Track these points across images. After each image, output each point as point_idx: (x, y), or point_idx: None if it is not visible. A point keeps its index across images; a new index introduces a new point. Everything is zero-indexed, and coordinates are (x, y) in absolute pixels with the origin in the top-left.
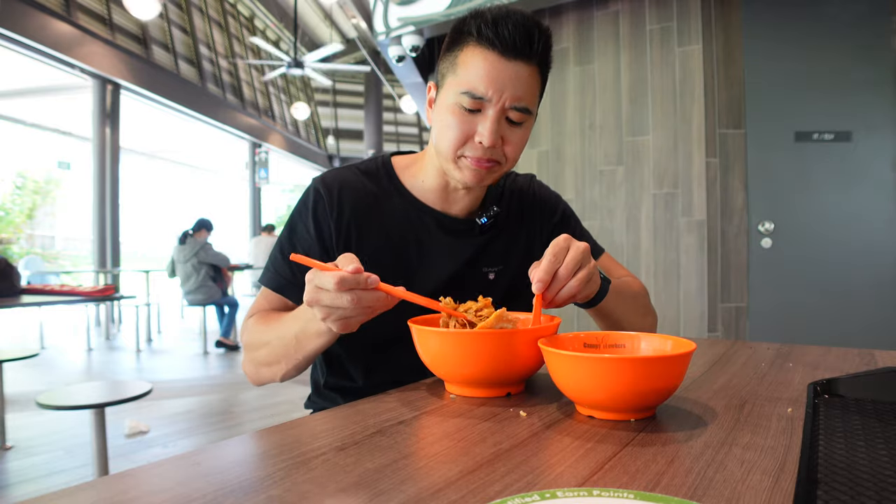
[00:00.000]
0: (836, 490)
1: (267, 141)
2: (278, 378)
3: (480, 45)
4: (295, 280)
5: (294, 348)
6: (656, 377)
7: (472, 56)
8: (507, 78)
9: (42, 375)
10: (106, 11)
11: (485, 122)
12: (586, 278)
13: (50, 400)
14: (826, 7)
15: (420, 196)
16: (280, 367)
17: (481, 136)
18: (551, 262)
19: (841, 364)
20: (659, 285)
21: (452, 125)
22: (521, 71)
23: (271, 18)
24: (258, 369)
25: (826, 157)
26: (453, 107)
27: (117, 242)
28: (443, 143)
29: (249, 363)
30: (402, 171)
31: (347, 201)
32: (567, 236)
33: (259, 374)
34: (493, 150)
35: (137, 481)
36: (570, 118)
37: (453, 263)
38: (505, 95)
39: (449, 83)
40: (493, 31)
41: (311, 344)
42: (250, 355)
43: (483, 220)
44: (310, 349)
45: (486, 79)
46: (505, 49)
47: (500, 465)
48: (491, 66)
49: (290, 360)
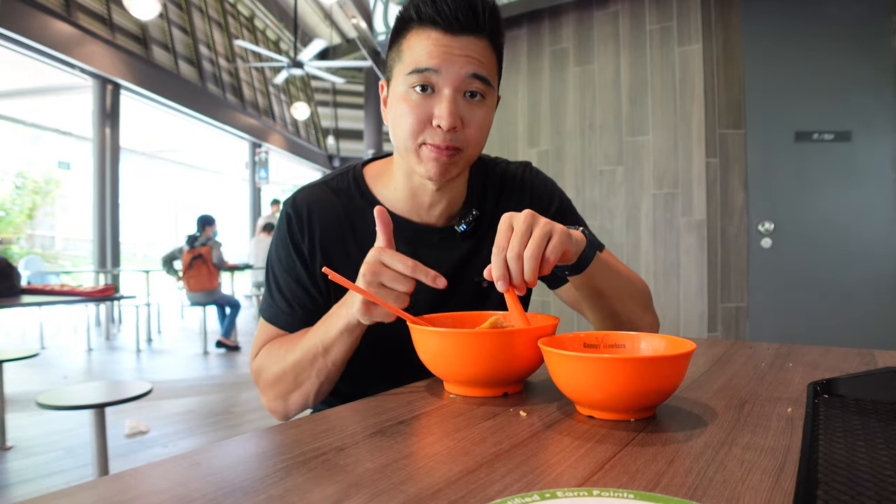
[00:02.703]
0: (836, 490)
1: (267, 141)
2: (311, 398)
3: (423, 26)
4: (293, 312)
5: (322, 355)
6: (656, 377)
7: (417, 38)
8: (457, 51)
9: (42, 375)
10: (106, 11)
11: (441, 103)
12: (544, 236)
13: (50, 400)
14: (826, 7)
15: (393, 207)
16: (311, 384)
17: (439, 119)
18: (500, 249)
19: (841, 364)
20: (659, 285)
21: (406, 112)
22: (471, 45)
23: (271, 18)
24: (287, 398)
25: (826, 157)
26: (405, 94)
27: (117, 242)
28: (400, 134)
29: (276, 398)
30: (374, 181)
31: (317, 222)
32: (508, 214)
33: (289, 404)
34: (453, 135)
35: (137, 481)
36: (570, 118)
37: None
38: (457, 68)
39: (397, 73)
40: (433, 9)
41: (339, 345)
42: (276, 389)
43: (462, 228)
44: (337, 351)
45: (432, 53)
46: (448, 25)
47: (500, 465)
48: (436, 43)
49: (321, 371)
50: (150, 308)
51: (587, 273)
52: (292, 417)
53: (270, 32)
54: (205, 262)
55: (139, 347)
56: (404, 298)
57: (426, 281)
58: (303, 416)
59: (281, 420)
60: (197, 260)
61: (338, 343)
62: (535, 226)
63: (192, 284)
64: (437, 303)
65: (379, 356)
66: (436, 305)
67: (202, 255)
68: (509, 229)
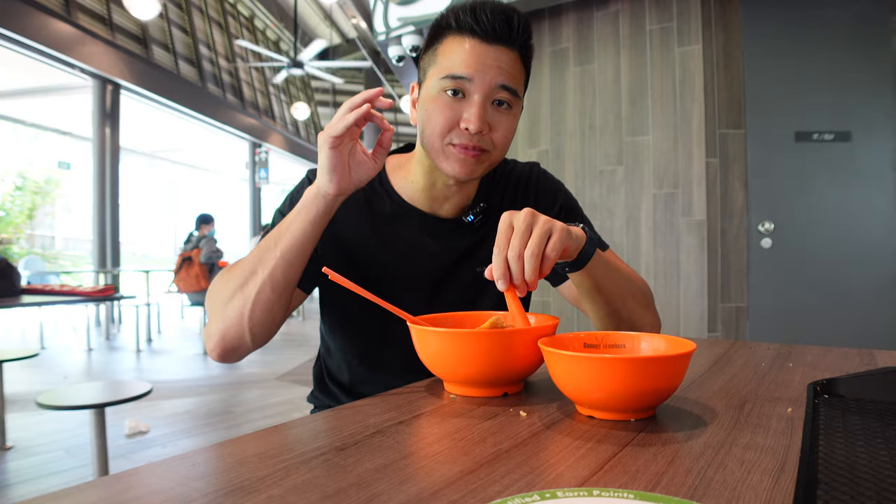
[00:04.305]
0: (836, 490)
1: (267, 141)
2: (251, 298)
3: (460, 33)
4: None
5: (274, 243)
6: (656, 377)
7: (453, 44)
8: (490, 61)
9: (42, 375)
10: (106, 11)
11: (470, 108)
12: (544, 234)
13: (50, 400)
14: (826, 7)
15: (409, 197)
16: (255, 280)
17: (467, 122)
18: (501, 248)
19: (841, 364)
20: (659, 285)
21: (437, 113)
22: (503, 55)
23: (271, 18)
24: (225, 306)
25: (826, 157)
26: (437, 95)
27: (117, 242)
28: (428, 132)
29: (215, 312)
30: (393, 171)
31: None
32: (508, 213)
33: (227, 312)
34: (480, 137)
35: (137, 481)
36: (569, 118)
37: (441, 265)
38: (489, 77)
39: (431, 75)
40: (472, 18)
41: (296, 225)
42: (214, 301)
43: (469, 219)
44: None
45: (467, 61)
46: (485, 34)
47: (500, 465)
48: (472, 50)
49: (267, 264)
50: (150, 308)
51: (587, 270)
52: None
53: (270, 32)
54: (193, 265)
55: (139, 347)
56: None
57: (369, 98)
58: (303, 415)
59: (219, 353)
60: (186, 262)
61: (296, 221)
62: (535, 224)
63: (181, 286)
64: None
65: (379, 355)
66: (435, 298)
67: (191, 257)
68: (509, 228)
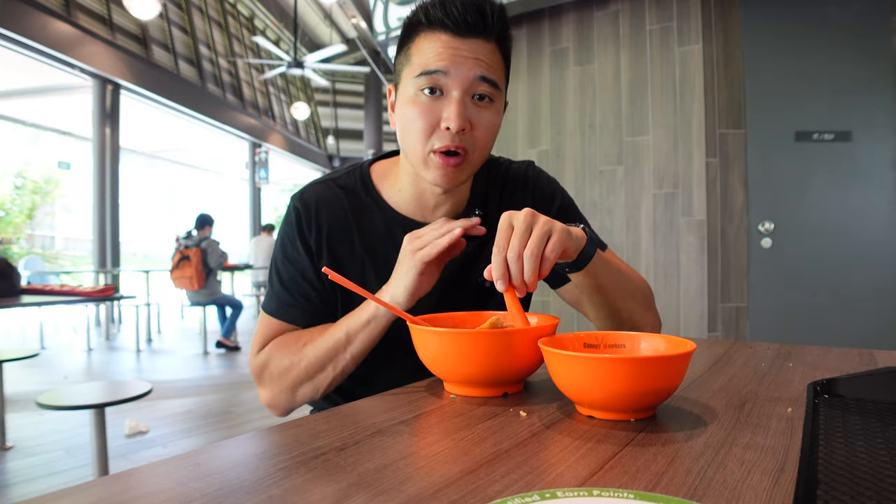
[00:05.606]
0: (836, 490)
1: (267, 141)
2: (321, 391)
3: (432, 29)
4: (297, 305)
5: (343, 347)
6: (656, 377)
7: (425, 41)
8: (466, 53)
9: (42, 375)
10: (106, 11)
11: (449, 105)
12: (544, 235)
13: (50, 400)
14: (826, 7)
15: (399, 207)
16: (325, 376)
17: (447, 121)
18: (500, 248)
19: (841, 364)
20: (659, 285)
21: (415, 116)
22: (479, 47)
23: (271, 18)
24: (295, 391)
25: (826, 157)
26: (414, 97)
27: (117, 242)
28: (409, 138)
29: (283, 391)
30: (380, 180)
31: (325, 218)
32: (508, 213)
33: (297, 396)
34: (462, 136)
35: (137, 481)
36: (569, 118)
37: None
38: (465, 69)
39: (405, 76)
40: (443, 12)
41: (364, 335)
42: (284, 381)
43: None
44: (360, 342)
45: (442, 55)
46: (458, 27)
47: (500, 465)
48: (445, 45)
49: (338, 364)
50: (150, 308)
51: (588, 270)
52: (291, 412)
53: (270, 32)
54: (191, 264)
55: (139, 347)
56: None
57: (467, 227)
58: (303, 416)
59: (279, 415)
60: (184, 261)
61: (363, 333)
62: (534, 224)
63: (176, 283)
64: (440, 303)
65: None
66: (438, 305)
67: (189, 256)
68: (509, 228)
